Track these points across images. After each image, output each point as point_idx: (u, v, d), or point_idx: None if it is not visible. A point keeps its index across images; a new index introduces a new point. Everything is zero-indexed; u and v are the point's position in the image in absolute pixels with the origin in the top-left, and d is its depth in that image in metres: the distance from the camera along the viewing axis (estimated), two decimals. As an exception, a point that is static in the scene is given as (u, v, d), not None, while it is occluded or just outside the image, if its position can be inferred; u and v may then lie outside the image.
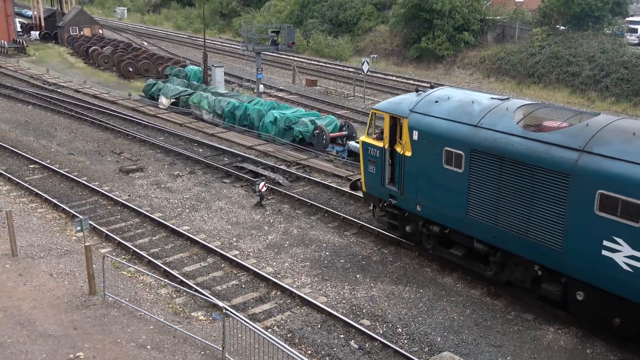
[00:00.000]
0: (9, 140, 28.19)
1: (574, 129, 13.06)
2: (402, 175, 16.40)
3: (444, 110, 15.45)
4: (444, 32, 49.28)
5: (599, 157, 12.12)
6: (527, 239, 13.52)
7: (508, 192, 13.73)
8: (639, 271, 11.59)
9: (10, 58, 55.29)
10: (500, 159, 13.77)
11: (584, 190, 12.27)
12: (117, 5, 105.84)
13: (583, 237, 12.43)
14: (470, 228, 14.94)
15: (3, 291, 13.90)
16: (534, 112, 14.46)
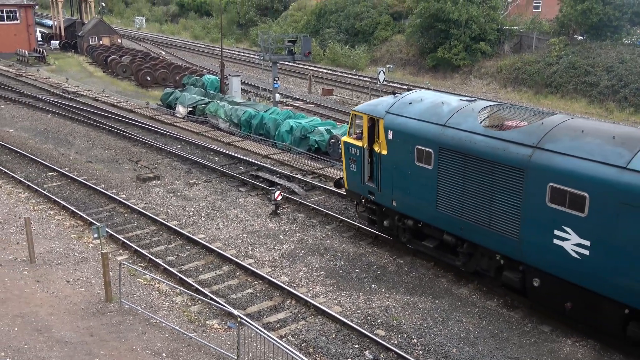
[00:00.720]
0: (28, 148, 28.56)
1: (530, 127, 14.06)
2: (379, 173, 17.42)
3: (416, 111, 16.46)
4: (461, 42, 49.23)
5: (550, 152, 13.08)
6: (489, 230, 14.47)
7: (472, 187, 14.70)
8: (585, 258, 12.53)
9: (31, 67, 56.09)
10: (465, 156, 14.76)
11: (536, 183, 13.18)
12: (136, 15, 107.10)
13: (536, 227, 13.35)
14: (440, 221, 15.92)
15: (21, 297, 14.04)
16: (496, 112, 15.42)
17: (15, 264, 15.80)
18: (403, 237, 17.55)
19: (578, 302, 13.16)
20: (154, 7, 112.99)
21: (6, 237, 17.60)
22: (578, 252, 12.68)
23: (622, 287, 12.12)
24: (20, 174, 24.53)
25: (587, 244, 12.49)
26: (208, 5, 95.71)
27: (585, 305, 13.04)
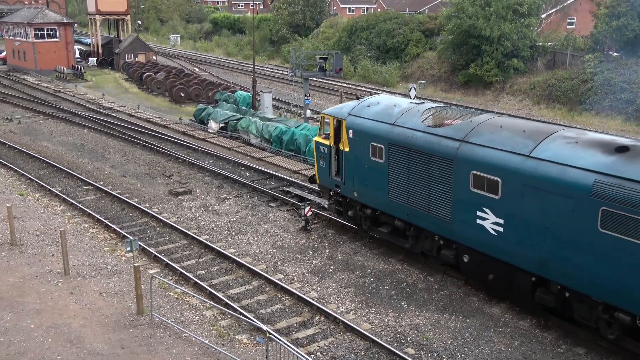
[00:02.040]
0: (64, 162, 29.20)
1: (460, 124, 16.06)
2: (343, 168, 19.47)
3: (372, 113, 18.52)
4: (493, 59, 48.93)
5: (473, 145, 15.12)
6: (429, 214, 16.53)
7: (415, 177, 16.77)
8: (500, 234, 14.50)
9: (69, 83, 57.49)
10: (409, 150, 16.81)
11: (462, 171, 15.20)
12: (171, 33, 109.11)
13: (464, 210, 15.37)
14: (391, 209, 17.92)
15: (55, 309, 14.29)
16: (437, 112, 17.56)
17: (50, 276, 16.11)
18: (364, 225, 19.49)
19: (497, 273, 15.06)
20: (188, 25, 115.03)
21: (42, 249, 17.96)
22: (495, 230, 14.66)
23: (528, 258, 14.02)
24: (56, 187, 25.07)
25: (501, 222, 14.46)
26: (241, 23, 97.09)
27: (503, 276, 14.93)
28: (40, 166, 28.66)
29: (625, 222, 11.97)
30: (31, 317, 13.79)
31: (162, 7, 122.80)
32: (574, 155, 13.23)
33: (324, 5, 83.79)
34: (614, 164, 12.52)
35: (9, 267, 16.54)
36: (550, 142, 13.99)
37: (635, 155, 12.60)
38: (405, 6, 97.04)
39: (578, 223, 12.81)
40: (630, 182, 11.95)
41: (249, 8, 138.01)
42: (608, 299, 12.69)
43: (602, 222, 12.37)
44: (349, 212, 19.93)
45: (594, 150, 13.17)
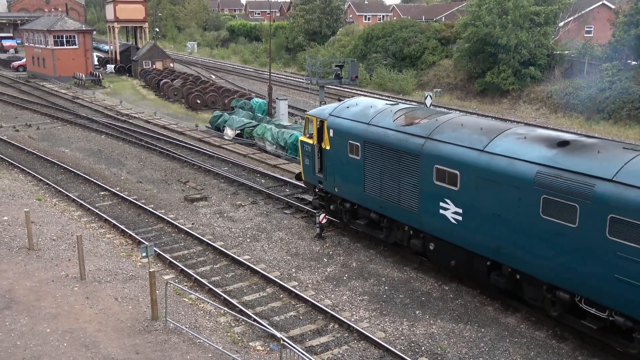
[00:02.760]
0: (82, 168, 29.47)
1: (427, 123, 17.32)
2: (325, 165, 20.73)
3: (351, 113, 19.83)
4: (510, 67, 48.73)
5: (436, 141, 16.36)
6: (399, 206, 17.76)
7: (387, 172, 17.98)
8: (460, 223, 15.75)
9: (87, 90, 58.10)
10: (381, 147, 18.05)
11: (427, 166, 16.45)
12: (188, 40, 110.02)
13: (429, 201, 16.60)
14: (367, 202, 19.18)
15: (71, 313, 14.39)
16: (407, 112, 18.78)
17: (66, 281, 16.23)
18: (345, 218, 20.82)
19: (458, 259, 16.31)
20: (205, 32, 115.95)
21: (59, 254, 18.11)
22: (455, 219, 15.89)
23: (483, 244, 15.26)
24: (74, 192, 25.30)
25: (460, 212, 15.70)
26: (257, 31, 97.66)
27: (463, 261, 16.18)
28: (58, 171, 28.94)
29: (561, 208, 13.21)
30: (47, 322, 13.90)
31: (180, 15, 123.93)
32: (522, 149, 14.50)
33: (340, 13, 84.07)
34: (554, 156, 13.79)
35: (26, 271, 16.69)
36: (503, 138, 15.28)
37: (575, 149, 13.85)
38: (422, 14, 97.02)
39: (524, 211, 14.06)
40: (566, 172, 13.23)
41: (265, 16, 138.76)
42: (551, 280, 13.93)
43: (543, 209, 13.60)
44: (331, 206, 21.31)
45: (539, 144, 14.46)
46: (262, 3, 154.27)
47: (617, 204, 12.20)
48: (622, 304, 12.53)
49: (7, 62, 79.55)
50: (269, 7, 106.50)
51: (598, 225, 12.58)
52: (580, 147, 13.94)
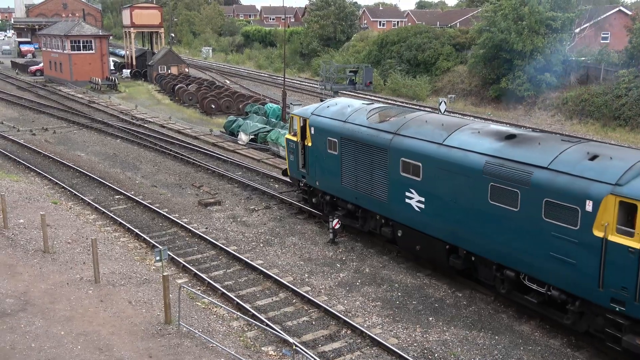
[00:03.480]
0: (97, 172, 29.70)
1: (396, 120, 18.87)
2: (307, 160, 22.25)
3: (330, 112, 21.40)
4: (525, 73, 48.46)
5: (402, 136, 17.99)
6: (371, 197, 19.32)
7: (361, 165, 19.54)
8: (422, 210, 17.35)
9: (103, 94, 58.60)
10: (355, 142, 19.61)
11: (394, 159, 18.04)
12: (203, 45, 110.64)
13: (396, 191, 18.18)
14: (344, 194, 20.72)
15: (85, 316, 14.48)
16: (380, 111, 20.26)
17: (80, 284, 16.34)
18: (325, 210, 22.12)
19: (423, 244, 17.79)
20: (220, 38, 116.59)
21: (73, 257, 18.24)
22: (418, 207, 17.48)
23: (443, 229, 16.82)
24: (89, 196, 25.49)
25: (423, 200, 17.27)
26: (272, 36, 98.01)
27: (426, 246, 17.71)
28: (73, 175, 29.19)
29: (506, 194, 14.75)
30: (62, 324, 13.99)
31: (195, 21, 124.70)
32: (474, 142, 16.08)
33: (354, 19, 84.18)
34: (501, 148, 15.35)
35: (41, 274, 16.83)
36: (460, 132, 16.82)
37: (519, 141, 15.44)
38: (437, 20, 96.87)
39: (475, 197, 15.60)
40: (510, 162, 14.77)
41: (280, 21, 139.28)
42: (499, 260, 15.38)
43: (491, 195, 15.15)
44: (313, 199, 22.97)
45: (490, 138, 16.01)
46: (276, 9, 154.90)
47: (550, 188, 13.73)
48: (557, 279, 13.95)
49: (25, 66, 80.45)
50: (284, 12, 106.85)
51: (535, 208, 14.05)
52: (525, 139, 15.57)
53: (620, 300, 12.64)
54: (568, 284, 13.67)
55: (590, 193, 12.97)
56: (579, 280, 13.39)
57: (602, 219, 12.79)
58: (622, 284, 12.53)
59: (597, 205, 12.84)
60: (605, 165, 13.24)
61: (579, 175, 13.36)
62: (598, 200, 12.82)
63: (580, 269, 13.29)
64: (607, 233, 12.72)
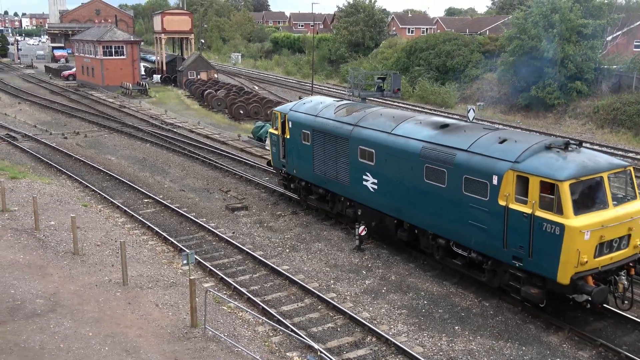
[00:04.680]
0: (127, 175, 30.10)
1: (357, 114, 21.60)
2: (286, 151, 24.72)
3: (305, 108, 24.04)
4: (555, 81, 47.85)
5: (360, 127, 20.68)
6: (337, 181, 21.90)
7: (328, 153, 22.11)
8: (376, 191, 19.99)
9: (134, 99, 59.43)
10: (324, 133, 22.25)
11: (354, 147, 20.69)
12: (233, 51, 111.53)
13: (355, 175, 20.80)
14: (316, 180, 23.22)
15: (113, 318, 14.66)
16: (346, 107, 22.82)
17: (109, 286, 16.56)
18: (302, 196, 24.74)
19: (376, 220, 20.44)
20: (249, 44, 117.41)
21: (102, 260, 18.50)
22: (373, 188, 20.10)
23: (391, 206, 19.51)
24: (118, 199, 25.85)
25: (376, 182, 19.91)
26: (301, 43, 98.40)
27: (380, 222, 20.30)
28: (103, 178, 29.64)
29: (436, 173, 17.37)
30: (90, 325, 14.18)
31: (225, 27, 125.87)
32: (415, 131, 18.79)
33: (383, 26, 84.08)
34: (435, 135, 18.03)
35: (70, 275, 17.10)
36: (406, 123, 19.55)
37: (450, 130, 18.09)
38: (466, 27, 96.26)
39: (414, 177, 18.27)
40: (440, 146, 17.42)
41: (309, 28, 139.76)
42: (433, 230, 18.04)
43: (426, 175, 17.81)
44: (292, 185, 25.40)
45: (428, 127, 18.68)
46: (305, 15, 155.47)
47: (468, 167, 16.36)
48: (474, 243, 16.50)
49: (58, 71, 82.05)
50: (313, 19, 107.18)
51: (458, 184, 16.67)
52: (455, 128, 18.21)
53: (519, 257, 15.21)
54: (482, 247, 16.30)
55: (496, 169, 15.58)
56: (490, 242, 15.96)
57: (505, 190, 15.35)
58: (519, 243, 15.07)
59: (500, 179, 15.43)
60: (509, 147, 15.85)
61: (489, 156, 15.99)
62: (501, 175, 15.41)
63: (491, 233, 15.83)
64: (508, 202, 15.28)
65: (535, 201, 14.64)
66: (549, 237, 14.37)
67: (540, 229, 14.51)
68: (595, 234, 14.23)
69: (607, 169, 15.03)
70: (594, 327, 15.47)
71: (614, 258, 14.83)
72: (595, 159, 15.34)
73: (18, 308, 14.72)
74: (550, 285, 14.82)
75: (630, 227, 14.93)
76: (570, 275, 14.20)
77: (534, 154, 15.25)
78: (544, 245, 14.52)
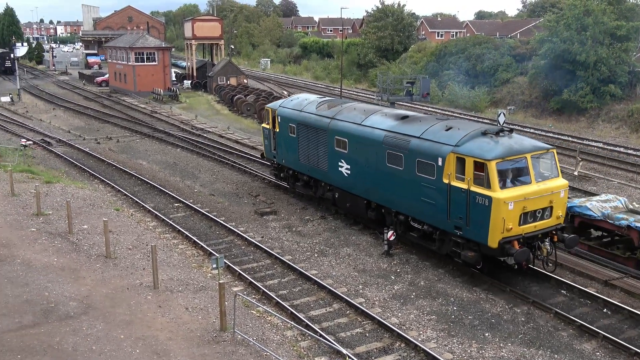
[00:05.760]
0: (158, 180, 30.49)
1: (335, 108, 24.15)
2: (276, 143, 27.31)
3: (291, 104, 26.65)
4: (588, 84, 47.08)
5: (337, 120, 23.22)
6: (318, 169, 24.42)
7: (311, 144, 24.55)
8: (349, 176, 22.46)
9: (164, 104, 60.19)
10: (307, 126, 24.73)
11: (331, 138, 23.17)
12: (262, 57, 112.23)
13: (333, 162, 23.29)
14: (302, 168, 25.75)
15: (143, 321, 14.84)
16: (327, 102, 25.34)
17: (140, 289, 16.77)
18: (290, 183, 27.38)
19: (351, 201, 22.96)
20: (278, 49, 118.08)
21: (134, 263, 18.75)
22: (346, 173, 22.59)
23: (361, 189, 22.02)
24: (149, 203, 26.19)
25: (349, 167, 22.40)
26: (329, 48, 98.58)
27: (353, 203, 22.85)
28: (135, 183, 30.06)
29: (396, 158, 19.92)
30: (121, 328, 14.38)
31: (254, 32, 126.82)
32: (380, 122, 21.37)
33: (412, 30, 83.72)
34: (395, 125, 20.61)
35: (103, 278, 17.36)
36: (373, 115, 22.07)
37: (409, 121, 20.72)
38: (496, 30, 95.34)
39: (378, 162, 20.74)
40: (398, 135, 19.98)
41: (337, 33, 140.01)
42: (395, 208, 20.56)
43: (387, 160, 20.30)
44: (281, 174, 27.99)
45: (391, 119, 21.28)
46: (334, 20, 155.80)
47: (420, 151, 18.91)
48: (426, 217, 19.09)
49: (92, 77, 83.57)
50: (342, 24, 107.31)
51: (412, 166, 19.22)
52: (412, 119, 20.88)
53: (459, 227, 17.62)
54: (432, 220, 18.81)
55: (441, 152, 18.03)
56: (437, 215, 18.42)
57: (448, 170, 17.79)
58: (459, 214, 17.50)
59: (444, 160, 17.88)
60: (452, 134, 18.29)
61: (436, 141, 18.45)
62: (444, 157, 17.87)
63: (437, 207, 18.31)
64: (450, 180, 17.73)
65: (471, 178, 17.10)
66: (481, 208, 16.75)
67: (474, 201, 16.94)
68: (519, 205, 16.60)
69: (530, 151, 17.43)
70: (628, 335, 15.17)
71: (537, 226, 17.24)
72: (522, 143, 17.77)
73: (52, 310, 15.00)
74: (483, 249, 17.25)
75: (552, 200, 17.29)
76: (498, 239, 16.57)
77: (471, 139, 17.69)
78: (477, 215, 16.94)
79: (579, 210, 20.13)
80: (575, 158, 33.91)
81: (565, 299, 17.31)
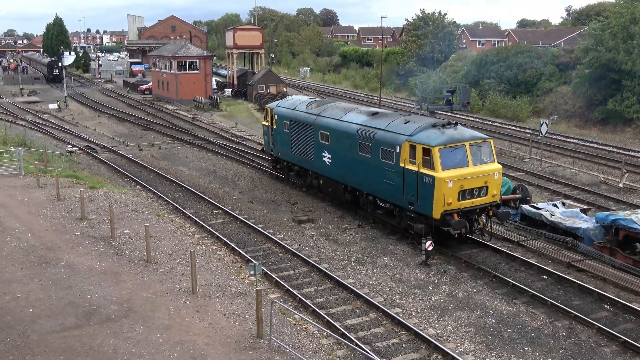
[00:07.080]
0: (198, 187, 30.91)
1: (321, 107, 27.70)
2: (274, 138, 30.86)
3: (287, 104, 30.28)
4: (634, 94, 45.94)
5: (321, 117, 26.66)
6: (306, 159, 27.88)
7: (301, 138, 28.01)
8: (331, 164, 25.83)
9: (205, 112, 61.03)
10: (298, 123, 28.24)
11: (317, 131, 26.57)
12: (302, 66, 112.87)
13: (318, 153, 26.70)
14: (294, 160, 29.27)
15: (182, 325, 15.03)
16: (316, 102, 29.09)
17: (179, 294, 17.00)
18: (285, 174, 30.94)
19: (332, 187, 26.43)
20: (318, 58, 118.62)
21: (173, 268, 19.03)
22: (329, 162, 25.95)
23: (340, 175, 25.38)
24: (189, 210, 26.56)
25: (331, 157, 25.77)
26: (369, 56, 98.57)
27: (334, 188, 26.34)
28: (176, 189, 30.54)
29: (366, 147, 23.21)
30: (160, 332, 14.59)
31: (295, 41, 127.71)
32: (355, 117, 24.82)
33: (453, 39, 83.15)
34: (366, 120, 24.08)
35: (143, 282, 17.66)
36: (351, 112, 25.57)
37: (378, 116, 24.03)
38: (539, 39, 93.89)
39: (352, 152, 24.15)
40: (368, 128, 23.36)
41: (377, 41, 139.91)
42: (366, 190, 23.92)
43: (359, 149, 23.67)
44: (278, 166, 31.80)
45: (364, 115, 24.76)
46: (374, 29, 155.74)
47: (383, 141, 22.28)
48: (388, 196, 22.36)
49: (135, 85, 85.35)
50: (381, 32, 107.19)
51: (377, 154, 22.57)
52: (381, 115, 24.22)
53: (412, 203, 21.00)
54: (392, 198, 22.19)
55: (398, 141, 21.50)
56: (396, 194, 21.78)
57: (403, 155, 21.20)
58: (412, 192, 20.87)
59: (400, 147, 21.31)
60: (408, 126, 21.77)
61: (395, 132, 21.92)
62: (401, 144, 21.31)
63: (396, 187, 21.65)
64: (405, 164, 21.12)
65: (420, 162, 20.45)
66: (427, 186, 20.13)
67: (422, 181, 20.29)
68: (457, 183, 19.88)
69: (468, 139, 20.73)
70: (675, 353, 14.68)
71: (475, 202, 20.48)
72: (463, 133, 21.03)
73: (93, 313, 15.33)
74: (430, 221, 20.42)
75: (487, 181, 20.54)
76: (440, 212, 19.88)
77: (422, 130, 21.11)
78: (424, 192, 20.29)
79: (624, 223, 19.64)
80: (620, 170, 33.10)
81: (608, 314, 16.89)
